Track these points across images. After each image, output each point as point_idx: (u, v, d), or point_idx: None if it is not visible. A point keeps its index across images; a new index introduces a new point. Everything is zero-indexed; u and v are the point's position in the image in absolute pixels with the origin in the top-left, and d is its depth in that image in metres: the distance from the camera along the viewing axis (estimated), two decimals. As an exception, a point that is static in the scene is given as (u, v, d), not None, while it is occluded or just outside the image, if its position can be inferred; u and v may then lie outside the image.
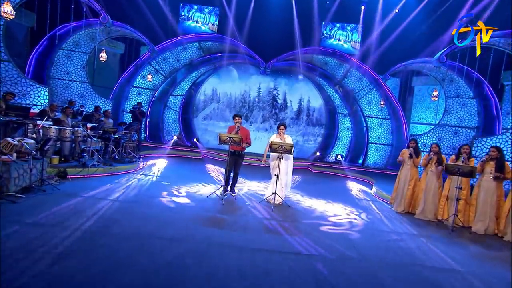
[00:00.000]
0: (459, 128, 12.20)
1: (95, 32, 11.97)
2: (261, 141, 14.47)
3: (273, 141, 6.58)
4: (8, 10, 8.11)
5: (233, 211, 6.10)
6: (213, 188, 7.69)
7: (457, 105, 12.27)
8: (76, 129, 8.24)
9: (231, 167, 7.09)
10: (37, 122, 7.76)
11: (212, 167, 11.32)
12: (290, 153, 6.57)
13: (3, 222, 4.24)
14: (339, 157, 14.35)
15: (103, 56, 11.37)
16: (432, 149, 7.20)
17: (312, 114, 15.37)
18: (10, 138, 5.99)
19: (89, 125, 9.66)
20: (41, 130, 7.59)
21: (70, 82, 12.80)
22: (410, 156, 7.44)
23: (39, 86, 10.91)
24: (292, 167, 7.32)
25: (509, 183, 8.00)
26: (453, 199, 6.55)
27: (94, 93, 13.08)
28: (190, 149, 14.08)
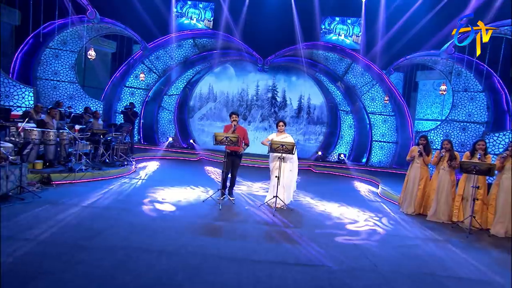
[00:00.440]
0: (468, 124, 11.73)
1: (83, 30, 11.43)
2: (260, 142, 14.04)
3: (273, 141, 6.20)
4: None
5: (231, 217, 5.78)
6: (210, 192, 7.29)
7: (465, 99, 11.80)
8: (61, 131, 7.73)
9: (228, 169, 6.72)
10: (18, 125, 7.23)
11: (209, 169, 10.97)
12: (292, 153, 6.17)
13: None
14: (342, 156, 13.91)
15: (92, 54, 10.82)
16: (444, 146, 6.79)
17: (313, 112, 14.91)
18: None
19: (77, 127, 9.13)
20: (22, 133, 7.07)
21: (59, 83, 12.23)
22: (420, 154, 7.00)
23: (24, 87, 10.35)
24: (297, 168, 6.88)
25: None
26: (469, 199, 6.18)
27: (84, 94, 12.54)
28: (186, 151, 13.67)
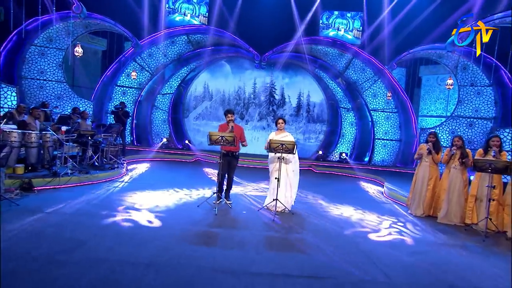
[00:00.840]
0: (475, 120, 11.33)
1: (70, 26, 10.87)
2: (259, 142, 13.61)
3: (272, 140, 5.83)
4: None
5: (228, 223, 5.42)
6: (206, 195, 6.87)
7: (472, 94, 11.40)
8: (44, 133, 7.19)
9: (225, 171, 6.28)
10: (-4, 126, 6.70)
11: (205, 171, 10.53)
12: (292, 153, 5.79)
13: None
14: (344, 155, 13.47)
15: (78, 51, 10.25)
16: (455, 143, 6.39)
17: (313, 110, 14.43)
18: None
19: (64, 128, 8.60)
20: (0, 135, 6.54)
21: (45, 82, 11.67)
22: (429, 152, 6.59)
23: (6, 86, 9.82)
24: (299, 168, 6.46)
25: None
26: (483, 200, 5.83)
27: (73, 94, 12.01)
28: (182, 152, 13.19)
